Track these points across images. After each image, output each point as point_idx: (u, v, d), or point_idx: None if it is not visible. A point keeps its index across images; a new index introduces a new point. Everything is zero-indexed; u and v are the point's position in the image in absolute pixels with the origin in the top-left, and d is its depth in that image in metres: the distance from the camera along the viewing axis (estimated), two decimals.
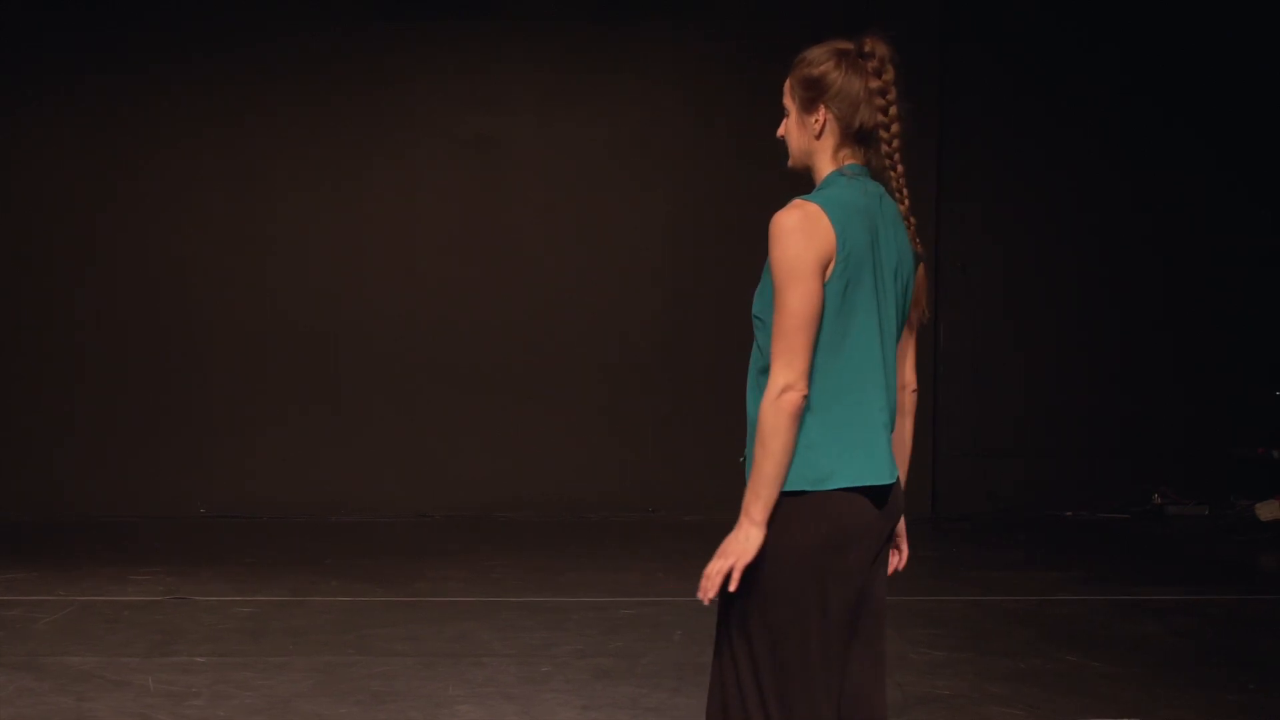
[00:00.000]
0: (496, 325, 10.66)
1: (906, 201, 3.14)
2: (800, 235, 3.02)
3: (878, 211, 3.11)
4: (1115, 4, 10.74)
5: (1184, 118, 10.78)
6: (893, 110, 3.10)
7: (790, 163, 3.25)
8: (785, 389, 3.00)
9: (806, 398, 3.01)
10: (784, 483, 3.03)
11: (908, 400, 3.32)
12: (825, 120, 3.15)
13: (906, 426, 3.32)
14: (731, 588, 3.02)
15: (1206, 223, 10.86)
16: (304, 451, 10.61)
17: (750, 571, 3.07)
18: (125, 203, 10.63)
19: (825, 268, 3.03)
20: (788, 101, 3.21)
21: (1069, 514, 10.55)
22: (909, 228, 3.15)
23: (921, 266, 3.24)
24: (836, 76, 3.12)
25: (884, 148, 3.11)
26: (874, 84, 3.10)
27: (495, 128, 10.71)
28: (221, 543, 9.50)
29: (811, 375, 3.04)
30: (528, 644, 6.60)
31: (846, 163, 3.15)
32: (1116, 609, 7.42)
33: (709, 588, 3.02)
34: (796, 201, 3.06)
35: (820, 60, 3.14)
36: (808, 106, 3.16)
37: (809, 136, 3.18)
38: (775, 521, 3.05)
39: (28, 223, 10.62)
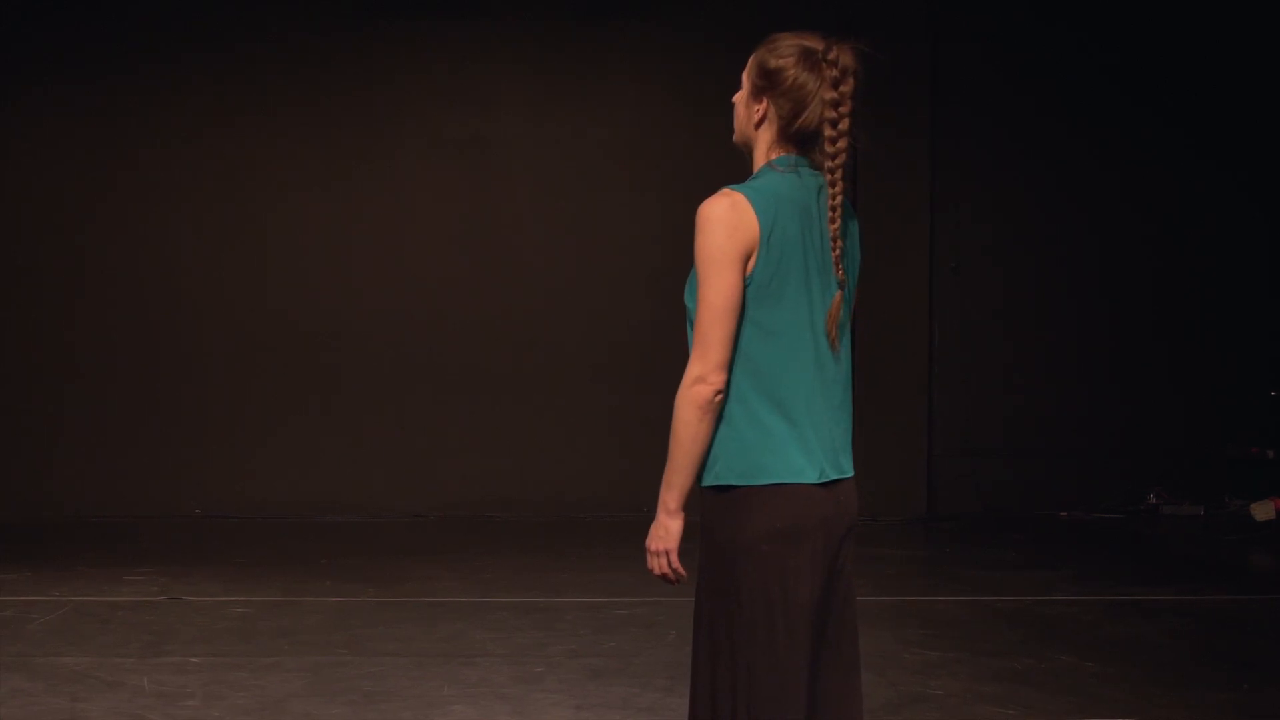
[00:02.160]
0: (490, 325, 10.65)
1: (837, 222, 3.04)
2: (723, 225, 2.98)
3: (814, 203, 3.06)
4: (1107, 3, 10.74)
5: (1177, 117, 10.79)
6: (843, 125, 3.01)
7: (734, 137, 3.21)
8: (697, 380, 2.99)
9: (721, 391, 2.99)
10: (697, 472, 3.02)
11: None
12: (766, 112, 3.11)
13: None
14: (682, 572, 3.06)
15: (1200, 222, 10.87)
16: (297, 452, 10.60)
17: (709, 574, 3.06)
18: (117, 202, 10.62)
19: (748, 259, 2.99)
20: (744, 77, 3.17)
21: (1063, 514, 10.55)
22: (834, 248, 3.07)
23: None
24: (791, 74, 3.06)
25: (827, 161, 3.03)
26: (828, 94, 3.02)
27: (489, 128, 10.70)
28: (215, 543, 9.49)
29: (740, 368, 3.02)
30: (521, 644, 6.60)
31: (778, 156, 3.11)
32: (1110, 609, 7.42)
33: (666, 577, 3.09)
34: (724, 190, 3.03)
35: (784, 52, 3.09)
36: (756, 93, 3.13)
37: (750, 121, 3.15)
38: (719, 518, 3.04)
39: (20, 223, 10.60)
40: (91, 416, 10.59)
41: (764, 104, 3.11)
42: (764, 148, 3.13)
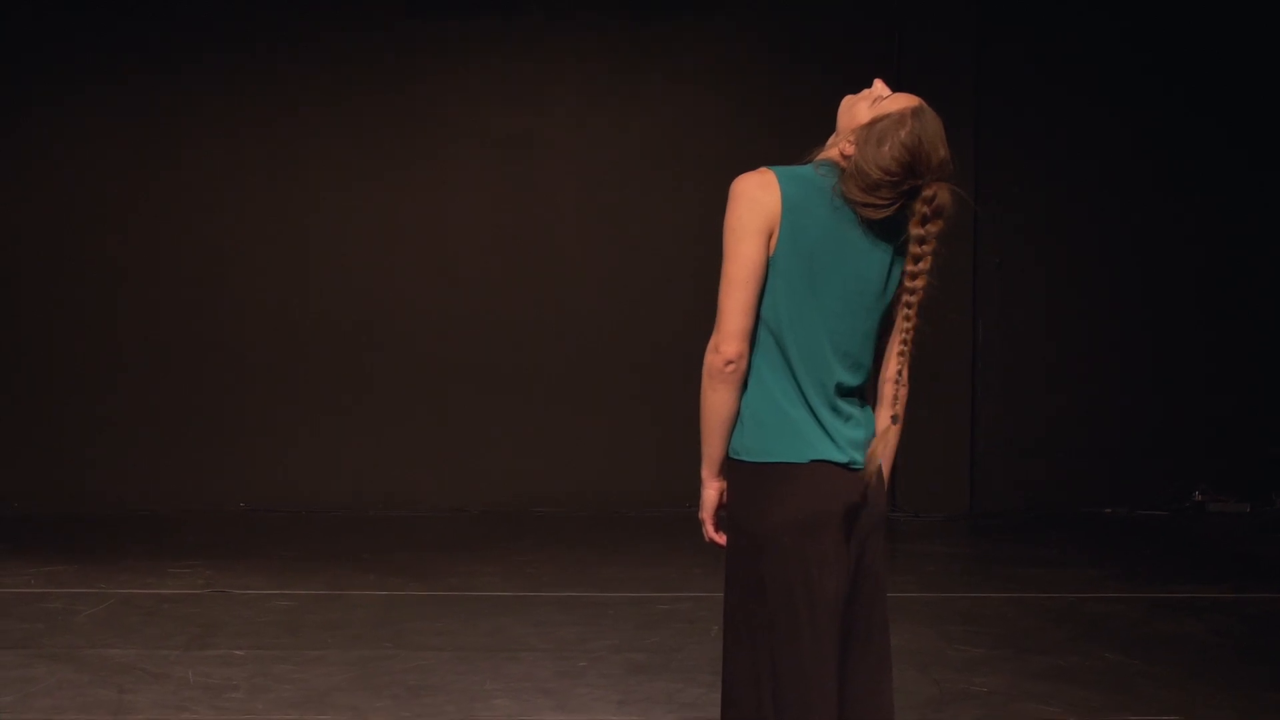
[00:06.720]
0: (532, 321, 10.67)
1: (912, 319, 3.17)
2: (746, 200, 3.06)
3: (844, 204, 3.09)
4: None
5: (1221, 114, 10.68)
6: (924, 263, 3.13)
7: (840, 108, 3.21)
8: (710, 350, 3.08)
9: (732, 361, 3.04)
10: (724, 442, 3.08)
11: (893, 392, 3.24)
12: (846, 146, 3.11)
13: (885, 417, 3.23)
14: (719, 538, 3.18)
15: (1245, 218, 10.77)
16: (341, 446, 10.64)
17: (733, 565, 3.08)
18: (162, 199, 10.68)
19: (770, 236, 3.04)
20: (877, 102, 3.12)
21: (1108, 511, 10.49)
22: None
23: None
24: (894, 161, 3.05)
25: (905, 295, 3.16)
26: (915, 229, 3.08)
27: (530, 126, 10.71)
28: (259, 536, 9.54)
29: (761, 347, 3.07)
30: (564, 639, 6.61)
31: (821, 158, 3.15)
32: (1156, 607, 7.37)
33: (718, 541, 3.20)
34: (760, 168, 3.09)
35: (895, 154, 3.04)
36: (855, 136, 3.10)
37: (850, 125, 3.14)
38: (738, 500, 3.11)
39: (65, 218, 10.68)
40: (136, 410, 10.65)
41: (847, 146, 3.13)
42: (835, 148, 3.16)
